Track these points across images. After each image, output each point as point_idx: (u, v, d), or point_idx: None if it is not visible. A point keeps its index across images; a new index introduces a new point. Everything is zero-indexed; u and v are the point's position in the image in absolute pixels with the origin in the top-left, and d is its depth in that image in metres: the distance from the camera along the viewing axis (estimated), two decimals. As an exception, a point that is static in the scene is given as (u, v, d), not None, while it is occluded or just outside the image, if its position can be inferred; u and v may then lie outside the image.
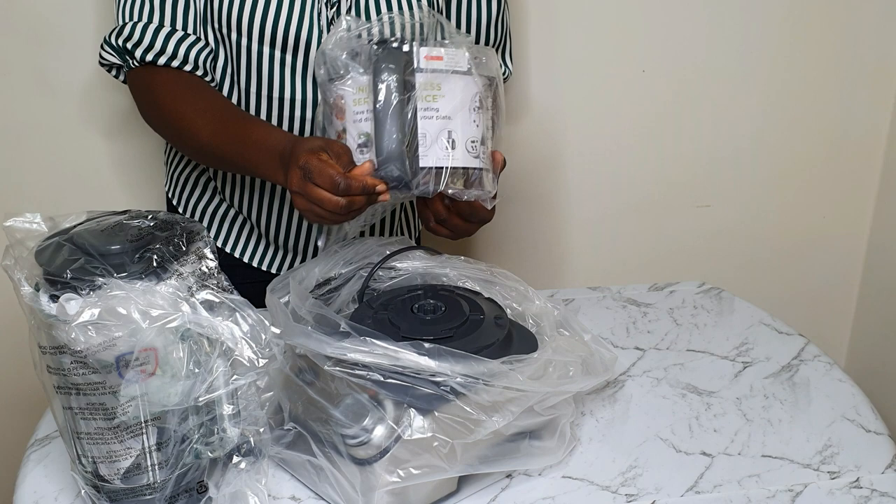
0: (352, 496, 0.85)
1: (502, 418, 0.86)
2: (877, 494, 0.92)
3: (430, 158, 0.96)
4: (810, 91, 1.66)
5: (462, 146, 0.97)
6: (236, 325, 0.80)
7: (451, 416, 0.84)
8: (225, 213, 1.26)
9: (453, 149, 0.96)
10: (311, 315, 0.89)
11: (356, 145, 0.97)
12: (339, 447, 0.84)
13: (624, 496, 0.92)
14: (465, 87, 0.98)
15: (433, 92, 0.96)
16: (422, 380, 0.83)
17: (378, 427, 0.83)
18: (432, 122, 0.96)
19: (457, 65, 0.97)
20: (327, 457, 0.86)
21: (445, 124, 0.96)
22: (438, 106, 0.96)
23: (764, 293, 1.57)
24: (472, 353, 0.85)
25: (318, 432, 0.86)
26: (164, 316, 0.77)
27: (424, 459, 0.84)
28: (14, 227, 0.82)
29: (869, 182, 1.76)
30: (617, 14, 1.54)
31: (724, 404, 1.06)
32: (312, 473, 0.88)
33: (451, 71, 0.97)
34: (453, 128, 0.97)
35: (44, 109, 1.43)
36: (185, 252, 0.81)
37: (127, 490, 0.82)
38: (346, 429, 0.83)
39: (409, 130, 0.95)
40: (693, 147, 1.66)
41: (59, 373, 0.79)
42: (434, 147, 0.96)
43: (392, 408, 0.83)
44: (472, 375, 0.83)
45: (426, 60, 0.96)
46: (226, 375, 0.81)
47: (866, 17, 1.62)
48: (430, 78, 0.96)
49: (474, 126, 0.98)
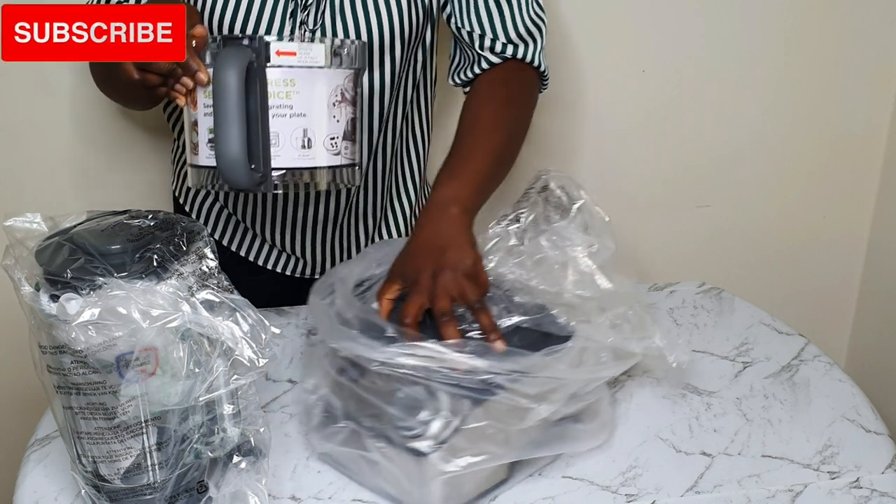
0: (407, 488, 0.87)
1: (550, 405, 0.89)
2: (877, 494, 0.92)
3: (284, 159, 0.92)
4: (810, 91, 1.66)
5: (320, 144, 0.93)
6: (237, 324, 0.80)
7: (503, 405, 0.87)
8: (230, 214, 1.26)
9: (310, 147, 0.93)
10: (358, 319, 0.92)
11: (206, 140, 0.93)
12: (394, 440, 0.86)
13: (624, 496, 0.92)
14: (323, 83, 0.93)
15: (286, 89, 0.91)
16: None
17: (434, 418, 0.85)
18: (285, 120, 0.91)
19: (313, 60, 0.92)
20: (382, 451, 0.87)
21: (300, 122, 0.92)
22: (292, 103, 0.91)
23: (764, 293, 1.57)
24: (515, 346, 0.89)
25: (372, 427, 0.88)
26: (164, 316, 0.77)
27: (480, 447, 0.87)
28: (14, 226, 0.82)
29: (869, 182, 1.76)
30: (617, 14, 1.54)
31: (724, 404, 1.06)
32: (366, 469, 0.90)
33: (307, 66, 0.92)
34: (308, 125, 0.92)
35: (44, 109, 1.43)
36: (185, 252, 0.81)
37: (127, 490, 0.83)
38: (402, 422, 0.86)
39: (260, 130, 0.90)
40: (693, 147, 1.66)
41: (59, 372, 0.79)
42: (287, 147, 0.92)
43: (446, 399, 0.86)
44: (518, 370, 0.86)
45: (277, 56, 0.90)
46: (226, 375, 0.81)
47: (866, 17, 1.62)
48: (282, 74, 0.91)
49: (334, 122, 0.94)
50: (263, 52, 0.90)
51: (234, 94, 0.88)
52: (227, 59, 0.88)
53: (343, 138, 0.95)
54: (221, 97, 0.88)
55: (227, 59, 0.88)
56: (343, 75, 0.95)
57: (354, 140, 0.97)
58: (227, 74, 0.88)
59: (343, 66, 0.95)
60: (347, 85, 0.95)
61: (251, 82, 0.89)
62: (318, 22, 1.08)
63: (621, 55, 1.57)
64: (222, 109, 0.88)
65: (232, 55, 0.88)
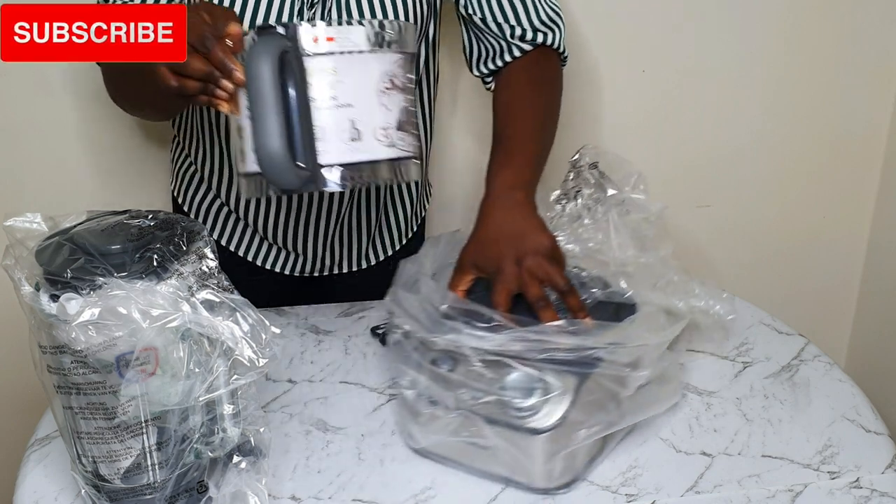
0: (527, 468, 0.91)
1: (644, 370, 0.94)
2: (877, 494, 0.92)
3: (332, 154, 0.84)
4: (810, 91, 1.66)
5: (370, 135, 0.85)
6: (237, 324, 0.80)
7: (604, 376, 0.92)
8: (230, 212, 1.26)
9: (359, 140, 0.85)
10: (456, 310, 0.96)
11: (252, 145, 0.85)
12: (512, 423, 0.90)
13: (624, 496, 0.92)
14: (369, 69, 0.85)
15: (328, 78, 0.83)
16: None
17: (547, 397, 0.89)
18: (330, 111, 0.83)
19: (354, 45, 0.84)
20: (500, 434, 0.90)
21: (347, 113, 0.84)
22: (336, 93, 0.83)
23: (764, 293, 1.57)
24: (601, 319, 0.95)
25: (486, 413, 0.91)
26: (164, 316, 0.77)
27: (594, 418, 0.92)
28: (14, 226, 0.82)
29: (869, 182, 1.76)
30: (617, 14, 1.54)
31: (724, 404, 1.06)
32: (476, 456, 0.93)
33: (348, 52, 0.84)
34: (356, 116, 0.84)
35: (44, 109, 1.43)
36: (185, 252, 0.81)
37: (127, 490, 0.83)
38: (518, 404, 0.89)
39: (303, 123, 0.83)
40: (693, 147, 1.66)
41: (59, 372, 0.79)
42: (334, 140, 0.84)
43: (555, 377, 0.90)
44: (615, 342, 0.92)
45: (314, 43, 0.82)
46: (226, 375, 0.81)
47: (866, 17, 1.62)
48: (322, 62, 0.83)
49: (384, 111, 0.86)
50: (299, 40, 0.82)
51: (268, 86, 0.81)
52: (258, 50, 0.82)
53: (397, 128, 0.87)
54: (255, 91, 0.82)
55: (258, 50, 0.82)
56: (391, 60, 0.87)
57: (409, 130, 0.89)
58: (259, 66, 0.81)
59: (391, 50, 0.87)
60: (397, 70, 0.87)
61: (288, 73, 0.83)
62: (325, 18, 1.09)
63: (621, 55, 1.57)
64: (258, 104, 0.82)
65: (263, 45, 0.82)
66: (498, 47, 1.18)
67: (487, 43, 1.18)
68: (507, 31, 1.16)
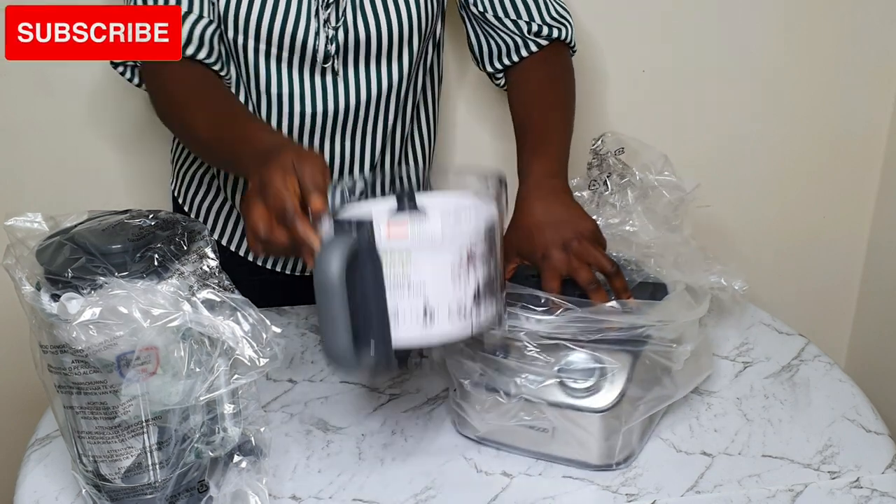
0: (589, 447, 0.94)
1: (688, 345, 0.97)
2: (877, 494, 0.92)
3: (402, 340, 0.81)
4: (810, 91, 1.66)
5: (444, 315, 0.81)
6: (237, 324, 0.80)
7: (654, 352, 0.95)
8: (230, 212, 1.26)
9: (432, 322, 0.81)
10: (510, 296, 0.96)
11: None
12: (575, 404, 0.92)
13: (624, 496, 0.92)
14: (442, 256, 0.80)
15: (401, 260, 0.79)
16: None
17: (606, 376, 0.92)
18: (401, 296, 0.80)
19: (429, 243, 0.79)
20: (564, 415, 0.93)
21: (419, 295, 0.80)
22: (409, 273, 0.79)
23: (764, 293, 1.57)
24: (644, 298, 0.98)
25: (544, 397, 0.93)
26: (165, 315, 0.77)
27: (651, 393, 0.95)
28: (15, 226, 0.82)
29: (869, 182, 1.76)
30: (617, 14, 1.54)
31: (725, 404, 1.06)
32: (537, 439, 0.95)
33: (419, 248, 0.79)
34: (429, 295, 0.80)
35: (44, 109, 1.43)
36: (186, 251, 0.81)
37: (128, 489, 0.83)
38: (578, 384, 0.92)
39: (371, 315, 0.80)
40: (693, 147, 1.66)
41: (59, 372, 0.79)
42: (404, 324, 0.80)
43: (610, 356, 0.93)
44: (662, 319, 0.95)
45: (387, 240, 0.79)
46: (227, 375, 0.81)
47: (866, 17, 1.62)
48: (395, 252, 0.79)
49: (460, 286, 0.81)
50: (370, 236, 0.79)
51: (336, 287, 0.77)
52: (329, 249, 0.78)
53: (474, 300, 0.83)
54: (322, 289, 0.78)
55: (329, 249, 0.78)
56: (470, 238, 0.81)
57: (489, 296, 0.84)
58: (328, 265, 0.77)
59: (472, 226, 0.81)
60: (475, 241, 0.82)
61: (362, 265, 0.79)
62: (340, 19, 1.10)
63: (621, 55, 1.57)
64: (324, 302, 0.78)
65: (336, 245, 0.78)
66: (512, 43, 1.20)
67: (500, 39, 1.20)
68: (523, 27, 1.18)
